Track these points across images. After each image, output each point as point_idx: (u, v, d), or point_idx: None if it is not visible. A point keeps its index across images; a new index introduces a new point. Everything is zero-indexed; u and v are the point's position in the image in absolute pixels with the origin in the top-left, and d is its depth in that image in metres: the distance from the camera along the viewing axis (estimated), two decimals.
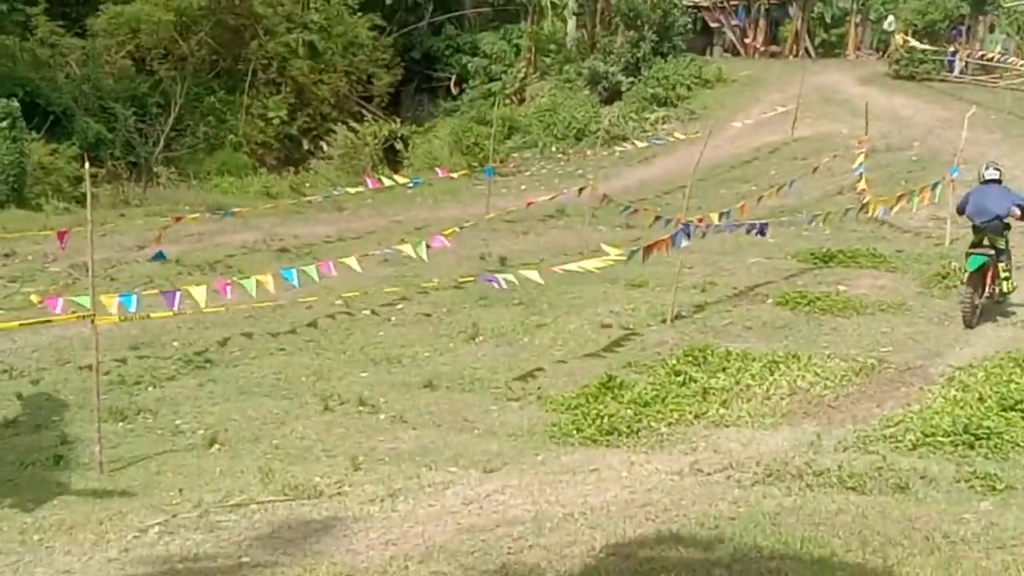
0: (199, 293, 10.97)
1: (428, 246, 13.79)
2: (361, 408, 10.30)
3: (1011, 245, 13.07)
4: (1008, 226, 12.78)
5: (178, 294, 11.05)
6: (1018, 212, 12.49)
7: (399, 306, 14.07)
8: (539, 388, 10.93)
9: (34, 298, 10.54)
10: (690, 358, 11.15)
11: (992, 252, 12.45)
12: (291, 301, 13.42)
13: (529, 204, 19.03)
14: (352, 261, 12.83)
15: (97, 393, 9.04)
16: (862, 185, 18.99)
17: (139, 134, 29.40)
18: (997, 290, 12.63)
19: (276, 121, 33.49)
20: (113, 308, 9.91)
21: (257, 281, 11.64)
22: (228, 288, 11.64)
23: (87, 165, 9.74)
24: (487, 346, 12.46)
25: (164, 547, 6.21)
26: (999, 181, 12.90)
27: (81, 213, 19.14)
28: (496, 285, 12.46)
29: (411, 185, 22.10)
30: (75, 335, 12.25)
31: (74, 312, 9.87)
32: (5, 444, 9.57)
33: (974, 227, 12.77)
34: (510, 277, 12.21)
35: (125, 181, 24.89)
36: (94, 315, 9.09)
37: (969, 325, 12.21)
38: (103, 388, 9.40)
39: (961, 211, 13.33)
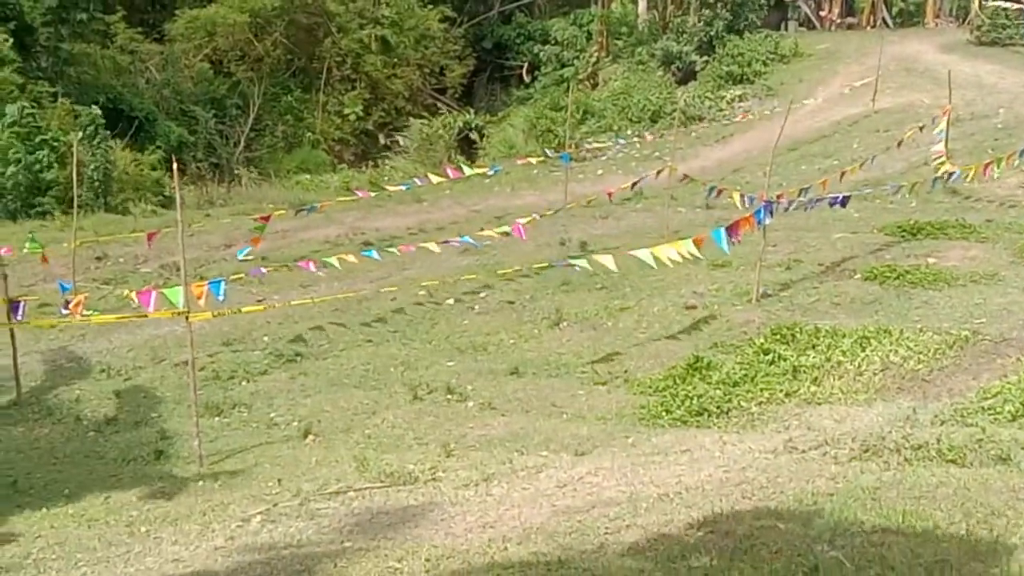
0: (285, 270, 11.46)
1: (507, 234, 13.97)
2: (449, 396, 10.40)
3: None
4: None
5: (264, 269, 11.54)
6: None
7: (482, 294, 14.14)
8: (625, 371, 10.92)
9: (133, 297, 10.97)
10: (778, 336, 11.03)
11: None
12: (375, 293, 13.59)
13: (610, 194, 18.86)
14: (432, 246, 13.01)
15: (193, 389, 9.27)
16: (938, 147, 18.57)
17: (220, 136, 30.02)
18: None
19: (352, 117, 33.88)
20: (203, 299, 10.19)
21: (340, 259, 12.06)
22: (312, 265, 12.19)
23: (175, 167, 9.93)
24: (571, 331, 12.48)
25: (268, 535, 6.35)
26: None
27: (168, 215, 19.66)
28: (576, 268, 12.61)
29: (491, 173, 22.17)
30: (168, 333, 12.57)
31: (167, 308, 10.11)
32: (107, 441, 9.87)
33: None
34: (584, 264, 12.21)
35: (209, 182, 25.41)
36: (188, 312, 9.32)
37: None
38: (198, 384, 9.62)
39: None
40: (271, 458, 8.90)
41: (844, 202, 14.88)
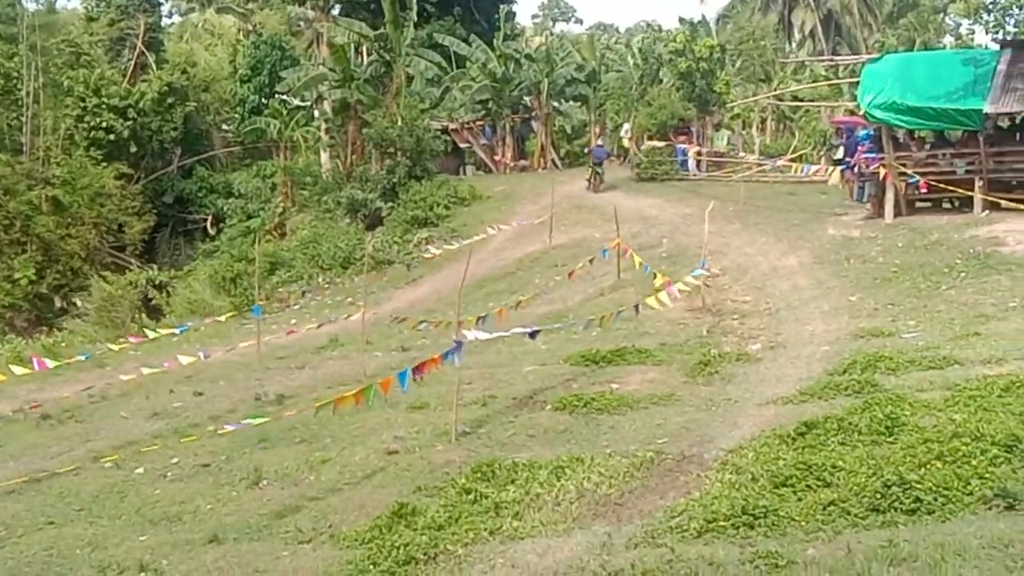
0: None
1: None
2: (143, 575, 9.76)
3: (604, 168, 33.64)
4: (602, 163, 34.50)
5: None
6: (606, 157, 35.52)
7: (174, 459, 13.48)
8: (330, 526, 10.66)
9: None
10: (479, 474, 11.16)
11: (601, 171, 34.20)
12: (52, 472, 12.66)
13: (290, 333, 18.67)
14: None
15: None
16: (659, 281, 19.11)
17: None
18: (601, 184, 34.07)
19: (23, 281, 32.19)
20: None
21: None
22: None
23: None
24: (272, 489, 12.10)
25: None
26: (602, 145, 36.78)
27: None
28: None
29: (178, 332, 21.44)
30: None
31: None
32: None
33: (594, 162, 34.43)
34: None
35: None
36: None
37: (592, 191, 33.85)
38: None
39: (592, 155, 34.87)
40: None
41: (533, 334, 15.56)
